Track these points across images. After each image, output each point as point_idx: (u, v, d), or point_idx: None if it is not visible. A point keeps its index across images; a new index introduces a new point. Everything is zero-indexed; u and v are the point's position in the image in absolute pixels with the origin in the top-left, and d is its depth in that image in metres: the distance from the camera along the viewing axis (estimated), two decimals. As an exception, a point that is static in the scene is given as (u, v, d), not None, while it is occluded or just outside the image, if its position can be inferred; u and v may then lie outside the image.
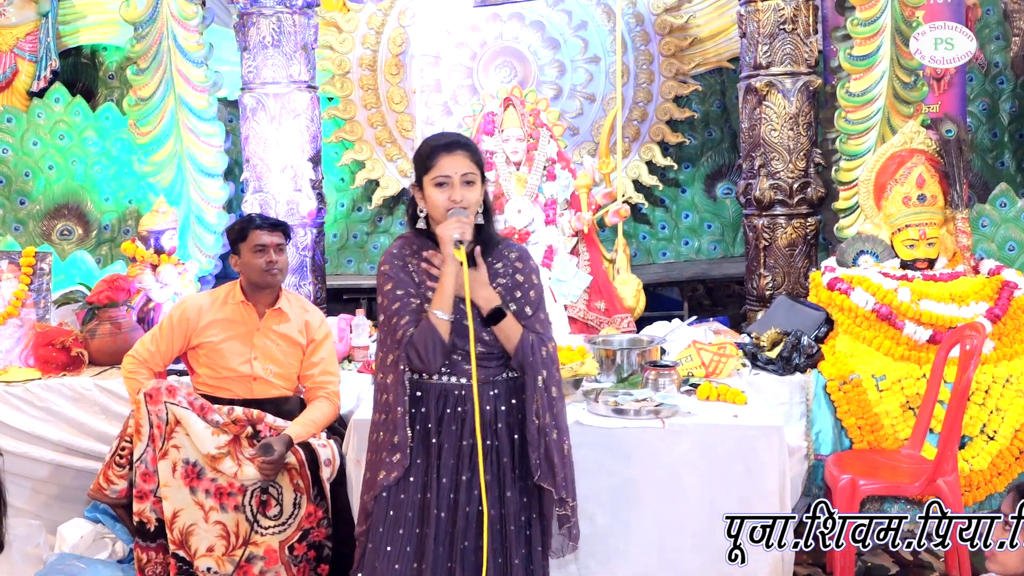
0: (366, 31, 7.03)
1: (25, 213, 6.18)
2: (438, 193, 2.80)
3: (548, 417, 2.82)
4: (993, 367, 4.31)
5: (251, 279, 3.85)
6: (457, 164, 2.80)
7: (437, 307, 2.76)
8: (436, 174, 2.80)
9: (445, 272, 2.77)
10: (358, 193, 7.38)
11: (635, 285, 5.35)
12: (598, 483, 3.49)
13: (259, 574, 3.58)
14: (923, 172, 4.72)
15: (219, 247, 5.70)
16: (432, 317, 2.76)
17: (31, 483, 4.41)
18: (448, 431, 2.84)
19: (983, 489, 4.20)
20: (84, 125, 6.21)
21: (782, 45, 5.28)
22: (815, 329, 4.52)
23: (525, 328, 2.85)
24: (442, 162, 2.80)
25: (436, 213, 2.81)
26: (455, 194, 2.78)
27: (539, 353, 2.84)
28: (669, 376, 3.88)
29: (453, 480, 2.83)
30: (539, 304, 2.92)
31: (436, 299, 2.77)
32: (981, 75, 6.90)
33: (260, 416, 3.68)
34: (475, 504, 2.82)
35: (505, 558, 2.84)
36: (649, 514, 3.48)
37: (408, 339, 2.77)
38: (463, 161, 2.81)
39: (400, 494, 2.83)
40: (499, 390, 2.88)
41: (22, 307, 4.76)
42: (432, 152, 2.82)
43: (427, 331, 2.76)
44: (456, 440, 2.84)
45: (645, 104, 7.24)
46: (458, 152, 2.81)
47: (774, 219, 5.37)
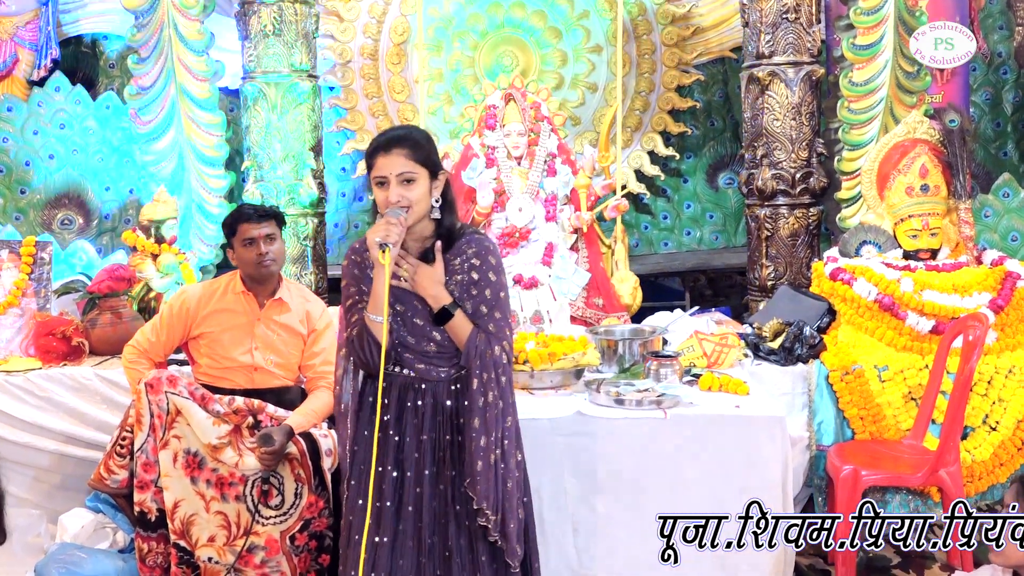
0: (368, 20, 7.00)
1: (26, 202, 6.17)
2: (379, 193, 2.79)
3: (477, 422, 2.76)
4: (995, 358, 4.31)
5: (247, 272, 3.84)
6: (393, 164, 2.76)
7: (371, 310, 2.78)
8: (375, 174, 2.79)
9: (375, 275, 2.76)
10: (359, 183, 7.37)
11: (632, 282, 5.35)
12: (599, 473, 3.49)
13: (260, 564, 3.57)
14: (926, 162, 4.71)
15: (220, 237, 5.69)
16: (367, 319, 2.79)
17: (32, 473, 4.41)
18: (410, 424, 2.83)
19: (985, 480, 4.20)
20: (85, 114, 6.19)
21: (785, 34, 5.26)
22: (817, 319, 4.51)
23: (477, 327, 2.80)
24: (379, 162, 2.78)
25: (381, 210, 2.79)
26: (392, 194, 2.75)
27: (484, 355, 2.78)
28: (671, 366, 3.87)
29: (417, 474, 2.82)
30: (495, 303, 2.83)
31: (371, 302, 2.78)
32: (984, 65, 6.87)
33: (261, 406, 3.67)
34: (439, 499, 2.82)
35: (473, 553, 2.81)
36: (650, 504, 3.48)
37: (353, 337, 2.82)
38: (399, 160, 2.76)
39: (383, 485, 2.82)
40: (460, 384, 2.84)
41: (23, 297, 4.75)
42: (372, 151, 2.81)
43: (364, 333, 2.80)
44: (416, 433, 2.83)
45: (647, 94, 7.21)
46: (394, 151, 2.77)
47: (776, 209, 5.35)
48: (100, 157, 6.20)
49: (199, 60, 5.64)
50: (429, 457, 2.82)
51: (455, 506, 2.81)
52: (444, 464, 2.82)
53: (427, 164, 2.80)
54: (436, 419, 2.83)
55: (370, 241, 2.71)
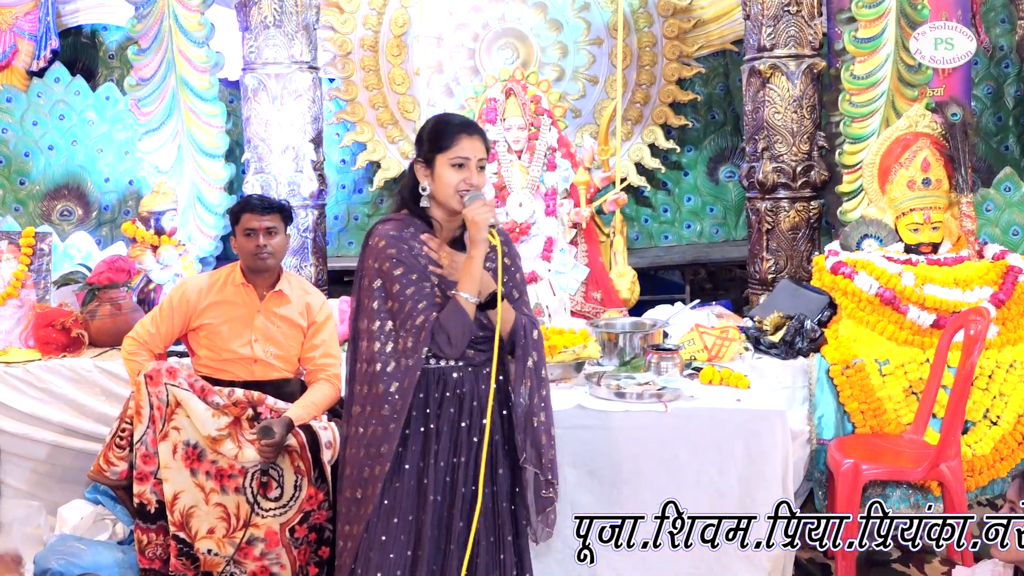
0: (368, 11, 6.98)
1: (25, 194, 6.15)
2: (453, 174, 2.79)
3: (537, 399, 2.83)
4: (997, 352, 4.30)
5: (244, 262, 3.84)
6: (475, 148, 2.81)
7: (465, 290, 2.76)
8: (455, 154, 2.79)
9: (475, 255, 2.76)
10: (359, 175, 7.35)
11: (630, 277, 5.35)
12: (600, 466, 3.48)
13: (260, 556, 3.57)
14: (928, 156, 4.70)
15: (220, 228, 5.68)
16: (460, 300, 2.76)
17: (31, 464, 4.41)
18: (446, 414, 2.84)
19: (986, 474, 4.20)
20: (84, 105, 6.17)
21: (786, 27, 5.25)
22: (818, 313, 4.51)
23: (515, 311, 2.87)
24: (463, 143, 2.79)
25: (445, 192, 2.80)
26: (472, 177, 2.79)
27: (531, 335, 2.86)
28: (672, 360, 3.87)
29: (449, 463, 2.84)
30: (524, 288, 2.96)
31: (465, 282, 2.77)
32: (986, 59, 6.85)
33: (261, 398, 3.67)
34: (470, 485, 2.83)
35: (497, 536, 2.86)
36: (651, 498, 3.47)
37: (434, 323, 2.75)
38: (479, 145, 2.82)
39: (395, 483, 2.82)
40: (489, 369, 2.85)
41: (22, 288, 4.74)
42: (453, 131, 2.81)
43: (456, 314, 2.76)
44: (453, 423, 2.84)
45: (648, 86, 7.19)
46: (476, 136, 2.83)
47: (777, 202, 5.34)
48: (100, 148, 6.18)
49: (199, 51, 5.62)
50: (464, 445, 2.84)
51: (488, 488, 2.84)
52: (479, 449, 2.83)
53: (489, 153, 2.89)
54: (472, 404, 2.85)
55: (481, 221, 2.73)
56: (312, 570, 3.59)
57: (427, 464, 2.83)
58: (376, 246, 2.83)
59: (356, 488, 2.84)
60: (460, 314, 2.75)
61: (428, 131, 2.88)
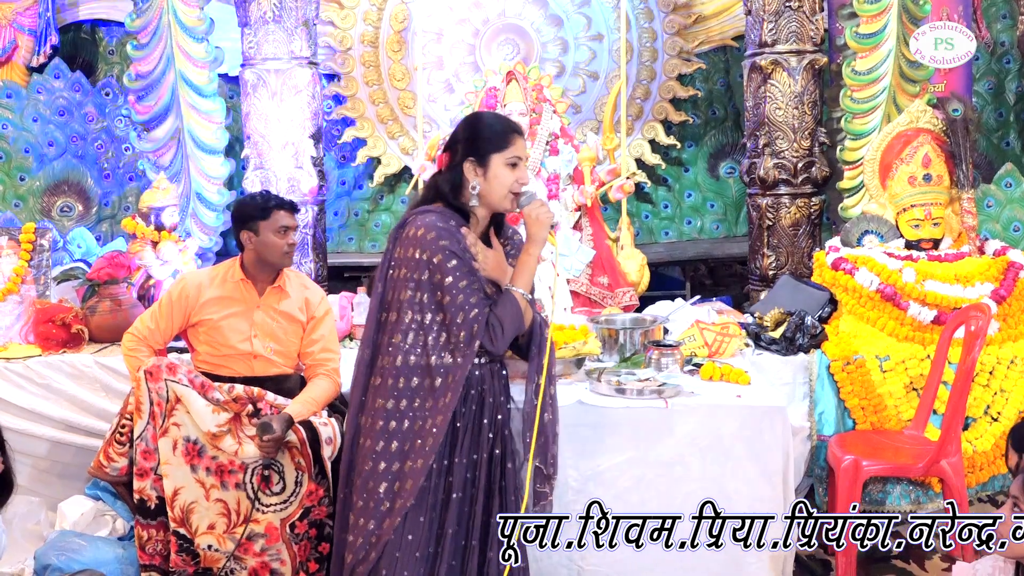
0: (368, 7, 6.97)
1: (25, 189, 6.15)
2: (508, 173, 2.83)
3: (547, 397, 2.89)
4: (997, 348, 4.29)
5: (268, 259, 3.80)
6: (524, 148, 2.88)
7: (521, 285, 2.82)
8: (512, 154, 2.83)
9: (533, 253, 2.83)
10: (359, 171, 7.35)
11: (639, 260, 5.32)
12: (601, 463, 3.48)
13: (260, 552, 3.57)
14: (929, 152, 4.69)
15: (220, 224, 5.68)
16: (516, 295, 2.80)
17: (31, 460, 4.40)
18: (469, 412, 2.87)
19: (986, 470, 4.19)
20: (84, 101, 6.17)
21: (787, 23, 5.24)
22: (819, 309, 4.50)
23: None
24: (518, 144, 2.85)
25: (499, 192, 2.83)
26: (524, 176, 2.84)
27: (545, 334, 2.91)
28: (672, 356, 3.87)
29: (470, 459, 2.88)
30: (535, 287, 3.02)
31: (521, 278, 2.83)
32: (987, 54, 6.85)
33: (261, 394, 3.66)
34: (485, 480, 2.88)
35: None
36: (652, 494, 3.47)
37: (490, 317, 2.78)
38: (524, 145, 2.89)
39: (423, 480, 2.83)
40: (498, 364, 2.96)
41: (22, 284, 4.73)
42: (509, 131, 2.85)
43: (512, 309, 2.80)
44: (475, 421, 2.87)
45: (648, 82, 7.19)
46: (523, 137, 2.90)
47: (778, 198, 5.34)
48: (100, 144, 6.18)
49: (198, 46, 5.62)
50: (484, 443, 2.88)
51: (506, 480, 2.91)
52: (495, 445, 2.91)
53: None
54: (489, 401, 2.90)
55: (544, 220, 2.80)
56: (312, 566, 3.59)
57: (451, 462, 2.85)
58: (424, 237, 2.79)
59: (385, 482, 2.82)
60: (515, 308, 2.80)
61: (480, 130, 2.87)
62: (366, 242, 7.32)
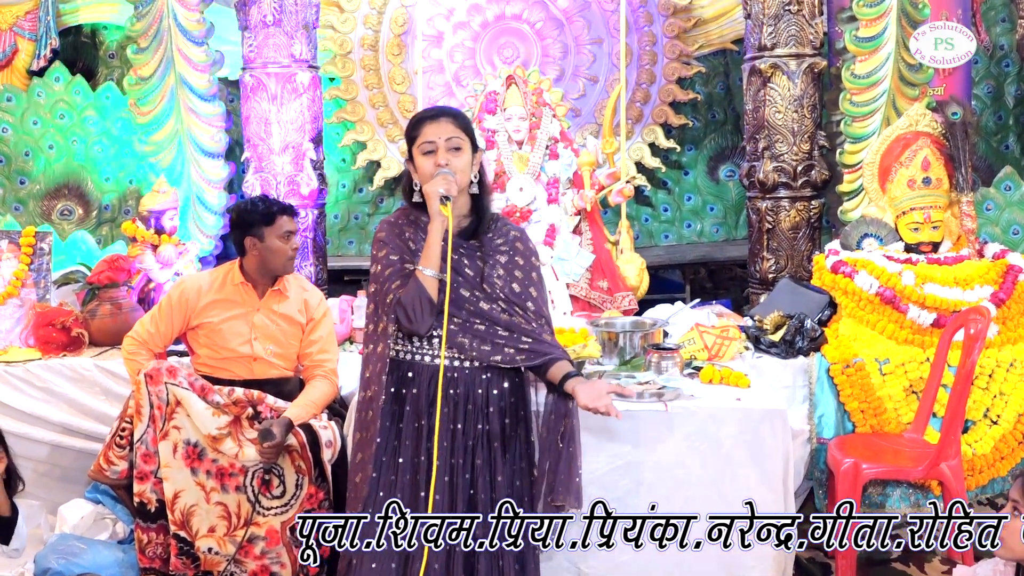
0: (368, 11, 6.98)
1: (25, 193, 6.14)
2: (425, 161, 2.83)
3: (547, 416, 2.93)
4: (997, 351, 4.30)
5: (271, 264, 3.81)
6: (442, 130, 2.83)
7: (424, 264, 2.78)
8: (422, 141, 2.83)
9: (432, 229, 2.78)
10: (359, 174, 7.35)
11: (639, 264, 5.32)
12: (601, 466, 3.48)
13: (260, 555, 3.57)
14: (928, 155, 4.69)
15: (220, 227, 5.68)
16: (419, 275, 2.78)
17: (32, 464, 4.40)
18: (443, 415, 2.82)
19: (986, 473, 4.19)
20: (84, 104, 6.17)
21: (787, 26, 5.24)
22: (818, 312, 4.50)
23: (530, 314, 2.88)
24: (427, 129, 2.84)
25: (425, 181, 2.82)
26: (440, 158, 2.81)
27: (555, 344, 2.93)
28: (672, 359, 3.87)
29: (447, 463, 2.83)
30: (540, 286, 2.94)
31: (423, 256, 2.79)
32: (986, 58, 6.85)
33: (261, 397, 3.67)
34: (467, 488, 2.83)
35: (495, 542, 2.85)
36: (652, 497, 3.47)
37: (396, 300, 2.79)
38: (448, 127, 2.84)
39: (391, 475, 2.84)
40: (491, 374, 2.87)
41: (22, 287, 4.74)
42: (418, 122, 2.87)
43: (415, 290, 2.77)
44: (447, 423, 2.83)
45: (648, 85, 7.19)
46: (443, 119, 2.86)
47: (778, 202, 5.34)
48: (100, 147, 6.17)
49: (199, 50, 5.62)
50: (460, 447, 2.84)
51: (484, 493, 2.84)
52: (476, 454, 2.85)
53: (470, 135, 2.89)
54: (467, 408, 2.85)
55: (430, 192, 2.76)
56: (312, 569, 3.58)
57: (419, 461, 2.83)
58: (376, 232, 2.94)
59: (357, 473, 2.91)
60: (418, 289, 2.77)
61: (406, 128, 2.96)
62: (366, 245, 7.32)
